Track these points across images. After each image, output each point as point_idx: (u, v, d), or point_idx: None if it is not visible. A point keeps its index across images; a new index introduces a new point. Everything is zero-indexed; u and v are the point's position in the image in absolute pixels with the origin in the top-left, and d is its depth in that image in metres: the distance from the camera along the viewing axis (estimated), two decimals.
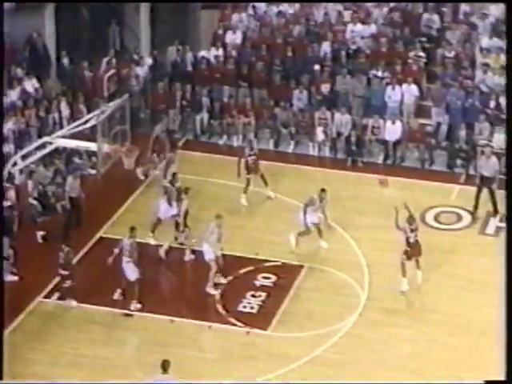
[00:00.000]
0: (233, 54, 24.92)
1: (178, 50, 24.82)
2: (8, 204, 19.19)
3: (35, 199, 20.25)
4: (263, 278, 18.39)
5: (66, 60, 24.41)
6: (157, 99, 24.10)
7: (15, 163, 20.09)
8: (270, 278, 18.38)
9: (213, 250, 17.76)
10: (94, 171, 21.39)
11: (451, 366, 16.15)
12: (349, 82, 23.73)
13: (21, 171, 20.55)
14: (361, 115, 23.52)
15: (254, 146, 21.24)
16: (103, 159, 20.88)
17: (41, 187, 20.50)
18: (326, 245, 19.24)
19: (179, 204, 18.90)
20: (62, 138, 20.42)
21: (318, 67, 24.09)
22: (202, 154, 22.98)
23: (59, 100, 23.18)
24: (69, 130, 20.63)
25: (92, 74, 24.09)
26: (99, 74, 23.88)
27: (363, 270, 18.61)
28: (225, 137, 23.79)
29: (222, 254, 17.99)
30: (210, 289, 17.81)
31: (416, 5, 25.43)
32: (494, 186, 20.56)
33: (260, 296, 17.88)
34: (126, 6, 25.65)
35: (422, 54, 24.29)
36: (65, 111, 23.07)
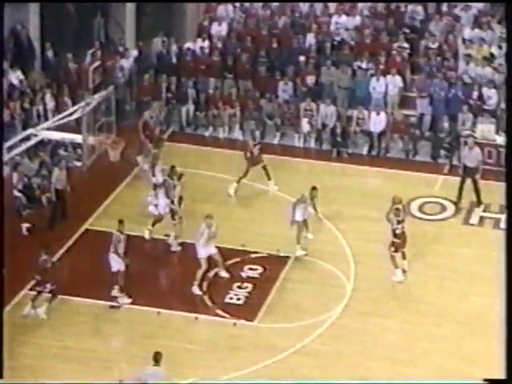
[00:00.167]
0: (218, 45, 24.92)
1: (163, 41, 24.81)
2: None
3: (20, 191, 20.21)
4: (250, 269, 18.44)
5: (50, 52, 24.33)
6: (142, 91, 24.08)
7: None
8: (257, 270, 18.44)
9: (204, 249, 17.70)
10: (79, 163, 21.35)
11: (437, 355, 16.26)
12: (333, 73, 23.79)
13: (6, 163, 20.49)
14: (346, 106, 23.59)
15: (257, 136, 21.38)
16: (88, 151, 20.86)
17: (26, 179, 20.48)
18: (312, 236, 19.31)
19: (173, 191, 18.87)
20: (47, 130, 20.37)
21: (303, 59, 24.16)
22: (188, 146, 22.99)
23: (44, 92, 23.13)
24: (54, 121, 20.58)
25: (77, 65, 24.04)
26: (84, 66, 23.86)
27: (349, 260, 18.70)
28: (211, 128, 23.81)
29: (218, 251, 17.87)
30: (195, 288, 17.74)
31: None
32: (477, 177, 20.71)
33: (247, 287, 17.94)
34: None
35: (405, 45, 24.39)
36: (50, 103, 23.02)
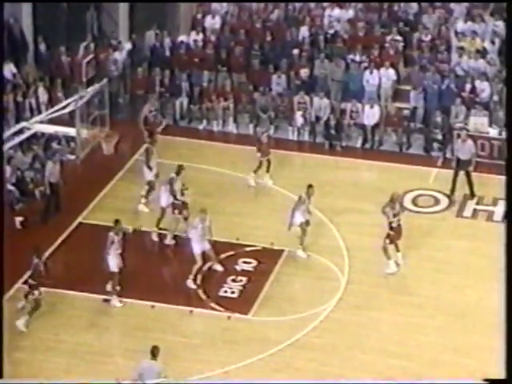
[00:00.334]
0: (212, 38, 24.88)
1: (156, 34, 24.76)
2: None
3: (13, 185, 20.17)
4: (244, 262, 18.46)
5: (43, 45, 24.27)
6: (136, 84, 24.05)
7: None
8: (251, 263, 18.45)
9: (199, 244, 17.69)
10: (72, 157, 21.29)
11: (431, 348, 16.31)
12: (327, 66, 23.79)
13: None
14: (339, 99, 23.60)
15: (267, 125, 21.58)
16: (82, 144, 20.81)
17: (19, 173, 20.44)
18: None
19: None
20: (41, 123, 20.32)
21: (296, 52, 24.15)
22: (182, 139, 22.97)
23: (37, 85, 23.08)
24: (47, 115, 20.53)
25: (70, 59, 23.98)
26: (77, 59, 23.80)
27: (343, 253, 18.73)
28: (204, 122, 23.80)
29: (211, 245, 17.82)
30: (189, 282, 17.73)
31: None
32: (471, 169, 20.75)
33: (241, 281, 17.96)
34: None
35: (398, 38, 24.40)
36: (43, 96, 22.97)
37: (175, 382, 14.80)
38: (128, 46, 24.74)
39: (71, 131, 20.39)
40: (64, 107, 20.45)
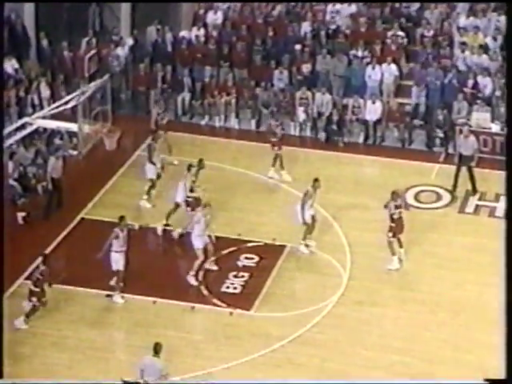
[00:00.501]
0: (214, 34, 24.86)
1: (157, 30, 24.74)
2: None
3: (15, 180, 20.19)
4: (246, 258, 18.46)
5: (45, 41, 24.27)
6: (138, 80, 24.04)
7: None
8: (253, 259, 18.46)
9: (201, 238, 17.67)
10: (75, 152, 21.34)
11: (433, 344, 16.31)
12: (329, 61, 23.77)
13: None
14: (341, 95, 23.60)
15: (278, 118, 21.61)
16: (84, 140, 20.87)
17: (21, 168, 20.45)
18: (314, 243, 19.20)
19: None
20: (43, 118, 20.36)
21: (298, 47, 24.12)
22: (184, 135, 22.97)
23: (39, 81, 23.09)
24: (49, 110, 20.57)
25: (72, 54, 23.99)
26: (79, 55, 23.81)
27: (345, 249, 18.73)
28: (206, 117, 23.79)
29: (210, 241, 17.81)
30: (190, 278, 17.72)
31: None
32: (473, 165, 20.75)
33: (243, 276, 17.96)
34: None
35: (401, 33, 24.37)
36: (45, 92, 22.99)
37: (177, 380, 14.81)
38: (130, 41, 24.74)
39: (73, 127, 20.49)
40: (66, 103, 20.54)
